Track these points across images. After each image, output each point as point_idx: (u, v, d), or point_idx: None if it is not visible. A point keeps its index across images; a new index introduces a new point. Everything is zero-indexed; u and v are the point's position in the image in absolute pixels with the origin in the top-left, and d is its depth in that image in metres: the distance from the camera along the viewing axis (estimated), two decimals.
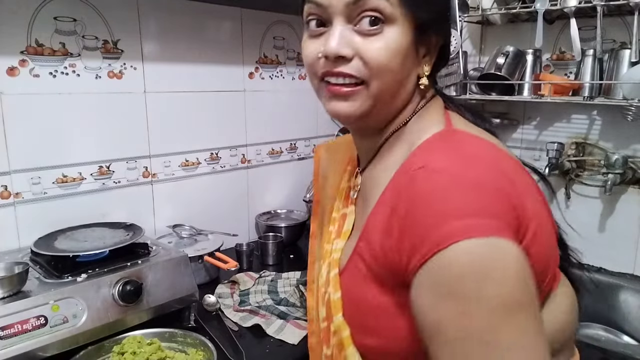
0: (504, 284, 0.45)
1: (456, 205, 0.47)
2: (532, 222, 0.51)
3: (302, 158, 1.98)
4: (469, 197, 0.48)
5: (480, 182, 0.49)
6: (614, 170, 1.43)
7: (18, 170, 1.22)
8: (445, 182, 0.49)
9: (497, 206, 0.48)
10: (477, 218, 0.46)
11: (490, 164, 0.53)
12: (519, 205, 0.50)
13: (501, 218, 0.47)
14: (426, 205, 0.49)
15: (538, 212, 0.54)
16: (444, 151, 0.55)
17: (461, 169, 0.50)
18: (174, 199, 1.56)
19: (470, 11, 1.63)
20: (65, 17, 1.25)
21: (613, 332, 1.43)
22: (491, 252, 0.45)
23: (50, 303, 0.93)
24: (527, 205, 0.51)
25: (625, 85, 1.33)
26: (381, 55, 0.56)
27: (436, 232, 0.47)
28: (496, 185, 0.50)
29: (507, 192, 0.50)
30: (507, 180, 0.51)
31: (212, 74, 1.61)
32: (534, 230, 0.51)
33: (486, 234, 0.45)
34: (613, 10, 1.38)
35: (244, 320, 1.19)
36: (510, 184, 0.51)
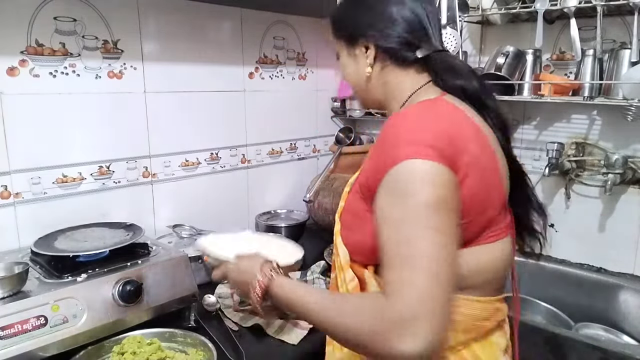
0: (426, 191, 0.64)
1: (409, 136, 0.68)
2: (465, 166, 0.67)
3: (302, 158, 1.98)
4: (420, 132, 0.68)
5: (431, 125, 0.69)
6: (614, 170, 1.43)
7: (18, 170, 1.22)
8: (407, 121, 0.71)
9: (438, 141, 0.66)
10: (421, 146, 0.65)
11: (448, 118, 0.72)
12: (460, 148, 0.68)
13: (439, 149, 0.66)
14: (392, 135, 0.70)
15: (477, 164, 0.69)
16: (418, 107, 0.75)
17: (422, 116, 0.72)
18: (174, 199, 1.56)
19: (470, 11, 1.62)
20: (65, 17, 1.25)
21: (613, 332, 1.43)
22: (424, 169, 0.64)
23: (50, 303, 0.93)
24: (466, 152, 0.68)
25: (625, 85, 1.33)
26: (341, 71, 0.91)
27: (392, 154, 0.67)
28: (443, 129, 0.69)
29: (451, 135, 0.68)
30: (456, 129, 0.70)
31: (212, 74, 1.61)
32: (466, 169, 0.67)
33: (424, 157, 0.65)
34: (613, 10, 1.38)
35: (244, 320, 1.19)
36: (458, 132, 0.69)
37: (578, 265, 1.61)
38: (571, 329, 1.41)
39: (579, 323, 1.43)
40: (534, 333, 1.23)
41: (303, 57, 1.91)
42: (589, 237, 1.59)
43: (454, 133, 0.69)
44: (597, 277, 1.54)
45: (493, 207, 0.73)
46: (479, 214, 0.71)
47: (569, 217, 1.62)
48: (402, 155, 0.65)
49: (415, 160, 0.65)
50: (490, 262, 0.75)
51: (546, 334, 1.23)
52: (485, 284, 0.75)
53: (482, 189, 0.70)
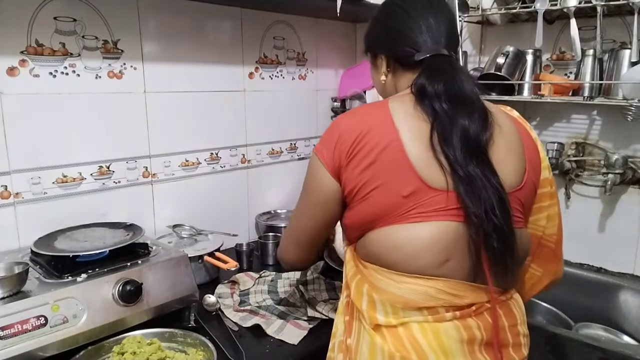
0: (305, 179, 0.91)
1: (322, 136, 0.89)
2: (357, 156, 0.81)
3: (302, 158, 1.98)
4: (326, 134, 0.88)
5: (338, 128, 0.85)
6: (614, 170, 1.43)
7: (18, 170, 1.22)
8: (330, 124, 0.90)
9: (331, 142, 0.85)
10: (320, 144, 0.88)
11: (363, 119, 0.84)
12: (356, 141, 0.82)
13: (327, 148, 0.85)
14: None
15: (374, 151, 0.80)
16: (354, 109, 0.95)
17: (339, 120, 0.88)
18: (174, 199, 1.56)
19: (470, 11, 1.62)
20: (65, 17, 1.25)
21: (613, 332, 1.43)
22: (312, 161, 0.89)
23: (50, 303, 0.93)
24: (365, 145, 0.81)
25: (625, 85, 1.33)
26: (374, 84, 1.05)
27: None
28: (341, 133, 0.84)
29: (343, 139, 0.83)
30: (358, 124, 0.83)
31: (212, 74, 1.61)
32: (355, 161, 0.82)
33: (314, 152, 0.88)
34: (613, 10, 1.38)
35: (243, 320, 1.19)
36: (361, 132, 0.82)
37: (578, 265, 1.61)
38: (571, 329, 1.41)
39: (579, 323, 1.43)
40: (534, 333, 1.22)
41: (303, 57, 1.91)
42: (589, 237, 1.59)
43: (357, 133, 0.82)
44: (597, 277, 1.54)
45: (396, 191, 0.79)
46: (382, 194, 0.80)
47: (569, 217, 1.62)
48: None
49: (312, 154, 0.90)
50: (408, 241, 0.79)
51: (546, 334, 1.23)
52: (409, 262, 0.79)
53: (376, 175, 0.80)
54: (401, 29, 0.91)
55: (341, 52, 2.06)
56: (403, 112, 0.84)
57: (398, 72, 0.94)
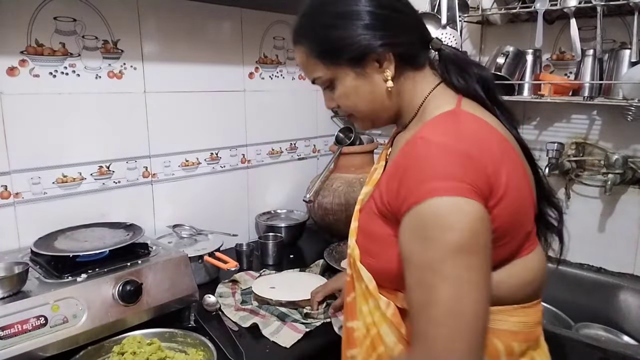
0: (456, 233, 0.60)
1: (437, 169, 0.63)
2: (502, 188, 0.65)
3: (302, 158, 1.98)
4: (448, 164, 0.63)
5: (461, 153, 0.64)
6: (614, 170, 1.43)
7: (18, 170, 1.22)
8: (435, 150, 0.65)
9: (468, 172, 0.63)
10: (448, 181, 0.62)
11: (476, 139, 0.67)
12: (493, 174, 0.64)
13: (468, 181, 0.62)
14: (418, 167, 0.65)
15: (512, 182, 0.66)
16: (444, 126, 0.70)
17: (450, 142, 0.65)
18: (174, 199, 1.56)
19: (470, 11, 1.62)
20: (65, 17, 1.25)
21: (613, 332, 1.43)
22: (451, 208, 0.61)
23: (50, 303, 0.93)
24: (501, 174, 0.65)
25: (625, 85, 1.33)
26: (342, 102, 0.81)
27: (419, 188, 0.63)
28: (474, 156, 0.64)
29: (483, 162, 0.64)
30: (487, 153, 0.66)
31: (212, 74, 1.61)
32: (501, 195, 0.65)
33: (450, 194, 0.61)
34: (613, 10, 1.38)
35: (243, 320, 1.19)
36: (489, 156, 0.65)
37: (578, 265, 1.61)
38: (571, 329, 1.41)
39: (579, 323, 1.43)
40: None
41: None
42: (589, 237, 1.59)
43: (484, 158, 0.65)
44: (597, 277, 1.54)
45: (529, 219, 0.72)
46: (517, 232, 0.70)
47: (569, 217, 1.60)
48: (427, 192, 0.62)
49: (434, 202, 0.61)
50: (529, 272, 0.73)
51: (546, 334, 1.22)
52: (533, 291, 0.74)
53: (518, 207, 0.68)
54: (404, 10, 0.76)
55: None
56: (498, 126, 0.73)
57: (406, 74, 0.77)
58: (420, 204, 0.62)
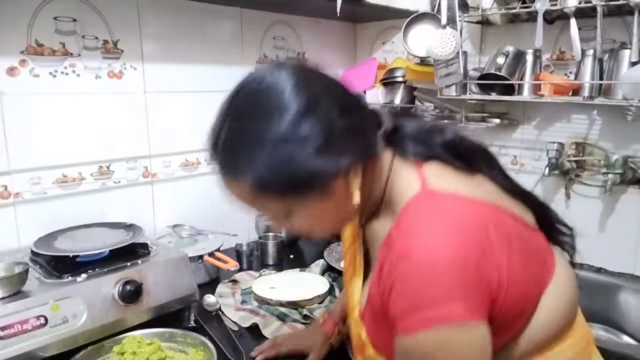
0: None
1: (425, 294, 0.55)
2: (505, 279, 0.58)
3: None
4: (438, 285, 0.54)
5: (451, 264, 0.55)
6: (614, 170, 1.43)
7: (18, 170, 1.22)
8: (419, 272, 0.56)
9: (466, 288, 0.55)
10: (442, 306, 0.54)
11: (463, 238, 0.57)
12: (494, 271, 0.57)
13: (468, 298, 0.55)
14: (402, 292, 0.57)
15: (511, 264, 0.59)
16: (420, 231, 0.59)
17: (434, 254, 0.56)
18: (174, 199, 1.56)
19: (470, 11, 1.62)
20: (65, 17, 1.25)
21: (613, 332, 1.43)
22: (446, 338, 0.54)
23: (50, 303, 0.93)
24: (502, 264, 0.58)
25: (625, 85, 1.33)
26: (303, 226, 0.70)
27: (407, 318, 0.56)
28: (468, 263, 0.55)
29: (480, 267, 0.56)
30: (481, 250, 0.57)
31: (212, 74, 1.61)
32: (507, 287, 0.58)
33: (447, 322, 0.54)
34: (613, 10, 1.38)
35: (243, 320, 1.19)
36: (484, 252, 0.57)
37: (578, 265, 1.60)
38: None
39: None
40: None
41: (303, 57, 1.91)
42: (589, 237, 1.59)
43: (482, 258, 0.57)
44: (597, 277, 1.54)
45: (541, 259, 0.67)
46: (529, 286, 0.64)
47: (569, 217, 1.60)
48: (417, 323, 0.56)
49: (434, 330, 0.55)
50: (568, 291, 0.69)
51: None
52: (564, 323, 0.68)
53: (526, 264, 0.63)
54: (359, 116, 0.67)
55: (341, 52, 2.06)
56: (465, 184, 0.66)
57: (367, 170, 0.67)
58: (409, 335, 0.56)
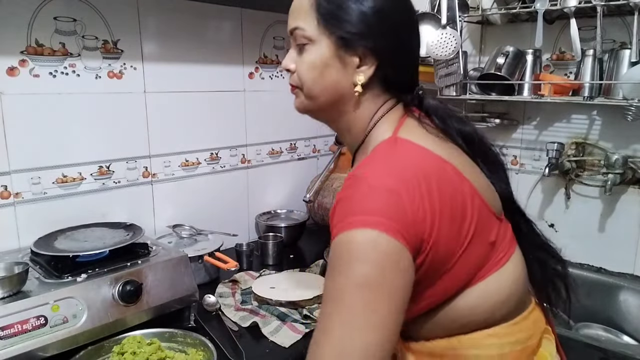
0: (365, 267, 0.58)
1: (362, 205, 0.62)
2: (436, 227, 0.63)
3: (302, 158, 1.98)
4: (373, 200, 0.62)
5: (387, 190, 0.62)
6: (614, 170, 1.43)
7: (18, 170, 1.22)
8: (363, 188, 0.63)
9: (390, 209, 0.61)
10: (368, 215, 0.60)
11: (402, 175, 0.64)
12: (426, 214, 0.62)
13: (388, 217, 0.60)
14: (346, 202, 0.64)
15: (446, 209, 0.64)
16: (375, 163, 0.68)
17: (375, 180, 0.64)
18: (174, 199, 1.56)
19: (470, 11, 1.63)
20: (65, 17, 1.25)
21: (613, 332, 1.43)
22: (365, 240, 0.59)
23: (50, 303, 0.93)
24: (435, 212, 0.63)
25: (625, 85, 1.33)
26: (303, 69, 0.78)
27: (343, 221, 0.62)
28: (401, 192, 0.62)
29: (409, 198, 0.62)
30: (414, 188, 0.63)
31: (212, 74, 1.61)
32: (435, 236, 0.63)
33: (367, 227, 0.59)
34: (613, 10, 1.38)
35: (243, 320, 1.19)
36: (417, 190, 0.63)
37: (578, 265, 1.61)
38: (571, 329, 1.41)
39: (579, 323, 1.43)
40: None
41: None
42: (589, 237, 1.59)
43: (411, 194, 0.62)
44: (597, 277, 1.54)
45: (482, 240, 0.69)
46: (465, 254, 0.67)
47: (569, 217, 1.62)
48: (347, 224, 0.61)
49: (358, 231, 0.60)
50: (506, 289, 0.72)
51: None
52: (512, 308, 0.73)
53: (457, 232, 0.66)
54: (410, 39, 0.74)
55: None
56: (433, 143, 0.70)
57: (375, 91, 0.74)
58: (340, 234, 0.61)
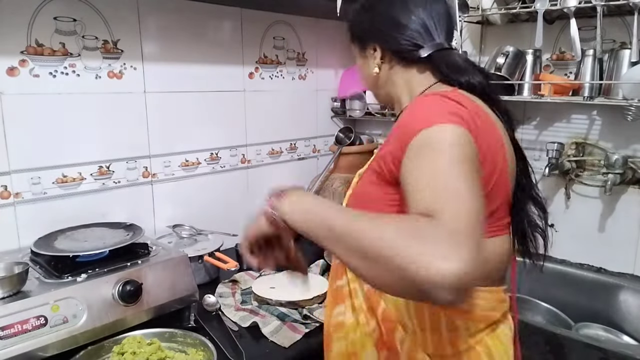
0: (460, 148, 0.65)
1: (426, 113, 0.71)
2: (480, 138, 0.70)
3: (302, 158, 1.98)
4: (436, 110, 0.70)
5: (455, 101, 0.72)
6: (614, 170, 1.43)
7: (18, 170, 1.22)
8: (424, 105, 0.74)
9: (458, 110, 0.70)
10: (448, 116, 0.68)
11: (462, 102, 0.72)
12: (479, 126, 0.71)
13: (458, 115, 0.69)
14: (410, 115, 0.74)
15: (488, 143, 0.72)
16: (434, 94, 0.77)
17: (437, 100, 0.73)
18: (174, 199, 1.56)
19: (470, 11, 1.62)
20: (65, 17, 1.25)
21: (613, 332, 1.43)
22: (453, 131, 0.66)
23: (50, 303, 0.93)
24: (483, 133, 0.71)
25: (625, 85, 1.33)
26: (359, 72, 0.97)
27: (425, 121, 0.68)
28: (467, 105, 0.72)
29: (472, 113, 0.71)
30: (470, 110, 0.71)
31: (212, 74, 1.61)
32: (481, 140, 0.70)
33: (452, 123, 0.67)
34: (613, 10, 1.38)
35: (243, 320, 1.19)
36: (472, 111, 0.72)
37: (578, 265, 1.61)
38: (571, 329, 1.41)
39: (579, 323, 1.43)
40: (534, 333, 1.23)
41: (303, 57, 1.91)
42: (589, 237, 1.59)
43: (469, 111, 0.71)
44: (597, 277, 1.54)
45: (496, 196, 0.75)
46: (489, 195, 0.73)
47: (569, 217, 1.62)
48: (421, 125, 0.67)
49: (436, 127, 0.67)
50: (492, 255, 0.78)
51: (546, 334, 1.23)
52: (489, 275, 0.79)
53: (488, 172, 0.72)
54: (398, 16, 0.85)
55: (341, 52, 2.06)
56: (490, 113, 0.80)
57: (397, 66, 0.88)
58: (415, 136, 0.67)
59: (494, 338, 0.80)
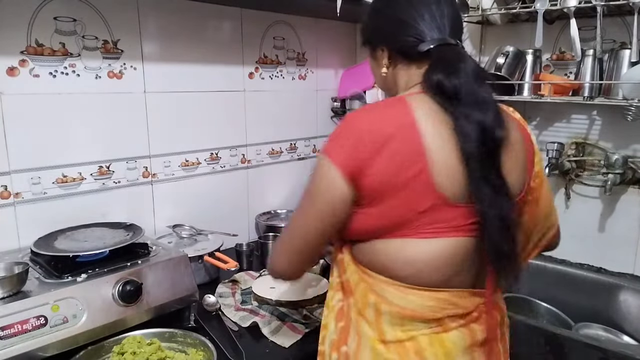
0: (313, 184, 0.81)
1: (333, 134, 0.81)
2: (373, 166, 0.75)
3: (302, 158, 1.98)
4: (339, 134, 0.80)
5: (357, 130, 0.78)
6: (614, 170, 1.43)
7: (18, 170, 1.22)
8: (344, 123, 0.81)
9: (347, 144, 0.77)
10: (331, 144, 0.80)
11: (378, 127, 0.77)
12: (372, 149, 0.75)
13: (343, 149, 0.77)
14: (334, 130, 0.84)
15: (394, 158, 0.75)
16: (370, 107, 0.85)
17: (357, 120, 0.80)
18: (174, 199, 1.56)
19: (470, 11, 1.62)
20: (65, 17, 1.25)
21: (613, 332, 1.43)
22: (321, 164, 0.80)
23: (50, 303, 0.93)
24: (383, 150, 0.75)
25: (625, 85, 1.33)
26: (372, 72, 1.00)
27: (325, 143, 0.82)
28: (361, 135, 0.77)
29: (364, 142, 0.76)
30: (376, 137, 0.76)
31: (212, 74, 1.61)
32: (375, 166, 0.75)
33: (327, 154, 0.79)
34: (613, 10, 1.38)
35: (243, 320, 1.19)
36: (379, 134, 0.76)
37: (578, 265, 1.61)
38: (571, 329, 1.41)
39: (579, 323, 1.43)
40: (534, 333, 1.23)
41: (303, 57, 1.91)
42: (589, 237, 1.59)
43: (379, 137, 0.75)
44: (597, 277, 1.54)
45: (413, 207, 0.76)
46: (389, 209, 0.77)
47: (569, 217, 1.62)
48: (323, 147, 0.82)
49: (321, 156, 0.81)
50: (420, 255, 0.78)
51: (546, 334, 1.23)
52: (419, 275, 0.79)
53: (395, 187, 0.75)
54: (402, 17, 0.86)
55: (341, 52, 2.06)
56: (424, 114, 0.77)
57: (400, 65, 0.89)
58: (320, 154, 0.82)
59: (435, 341, 0.78)
